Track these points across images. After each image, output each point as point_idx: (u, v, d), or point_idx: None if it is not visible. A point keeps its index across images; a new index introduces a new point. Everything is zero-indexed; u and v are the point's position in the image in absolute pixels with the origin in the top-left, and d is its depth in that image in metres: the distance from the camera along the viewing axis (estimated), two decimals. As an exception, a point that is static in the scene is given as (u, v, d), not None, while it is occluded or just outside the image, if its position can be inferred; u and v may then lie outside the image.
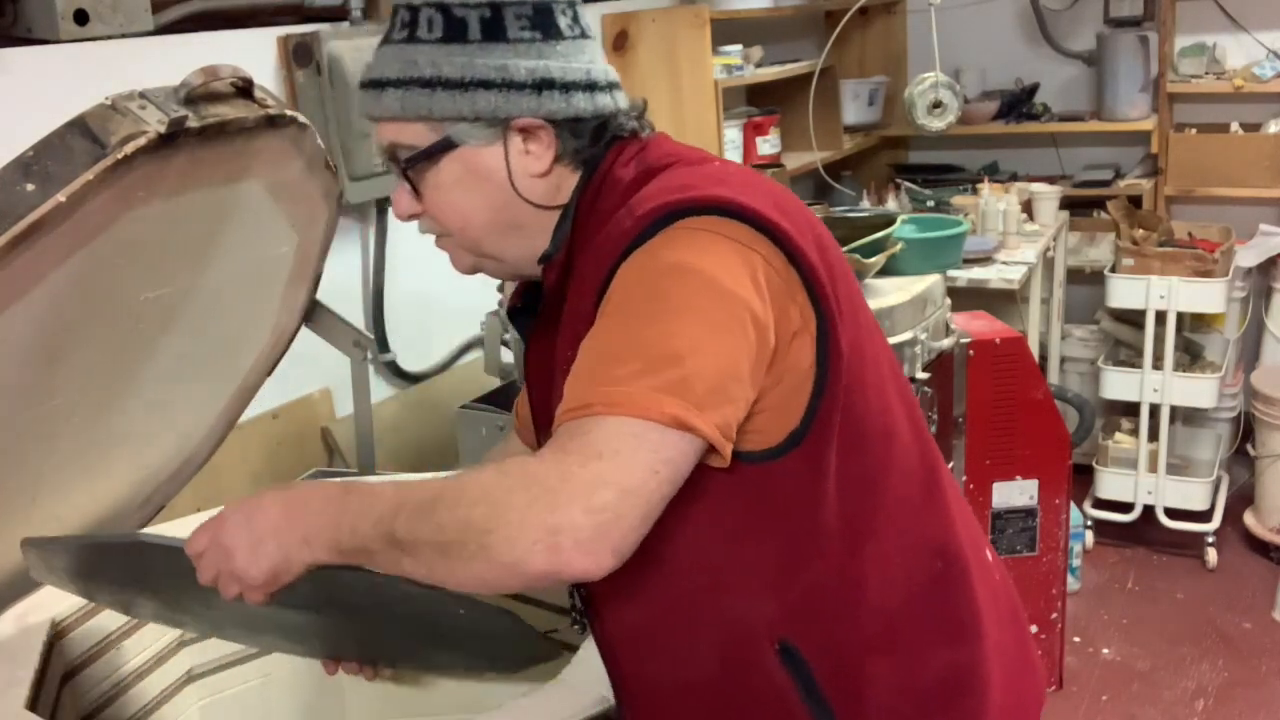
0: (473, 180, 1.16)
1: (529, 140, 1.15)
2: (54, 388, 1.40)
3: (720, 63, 3.41)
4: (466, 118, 1.13)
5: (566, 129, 1.15)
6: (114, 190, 1.26)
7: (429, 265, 1.58)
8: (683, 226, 1.05)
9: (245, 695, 1.64)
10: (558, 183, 1.18)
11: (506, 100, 1.12)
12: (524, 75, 1.12)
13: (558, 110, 1.14)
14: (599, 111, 1.16)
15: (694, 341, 0.99)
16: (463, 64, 1.12)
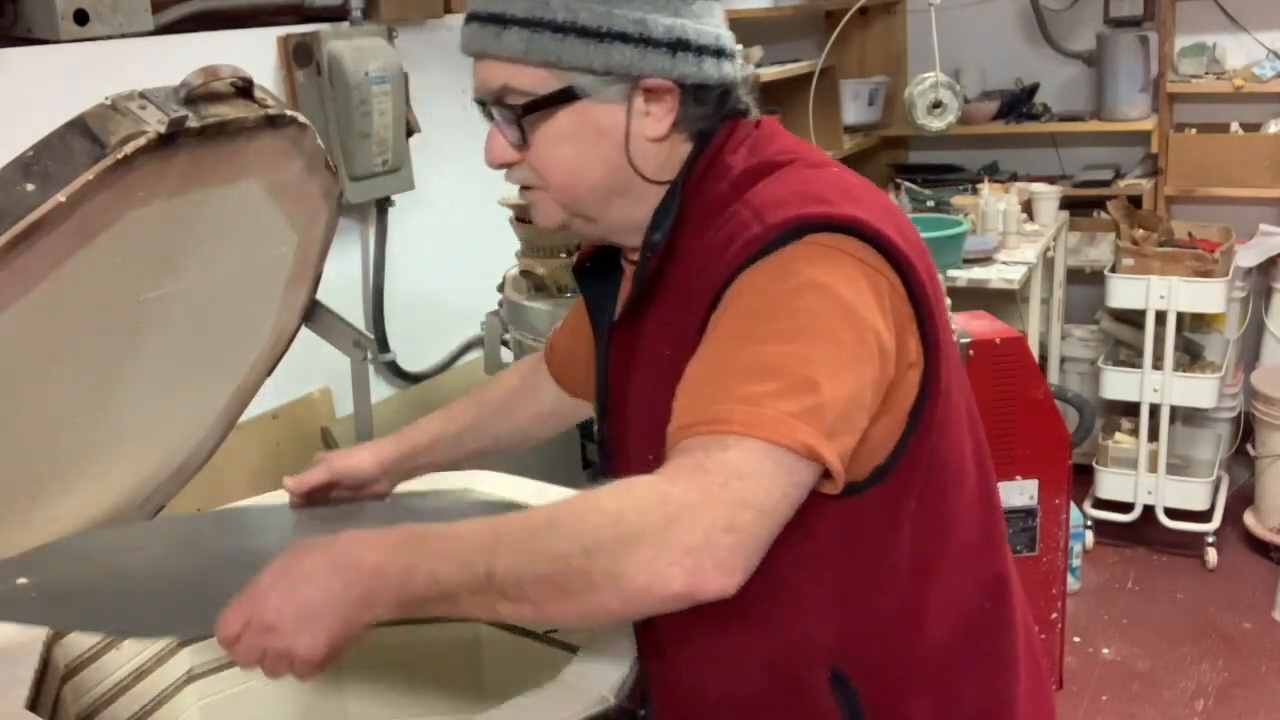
0: (587, 136, 1.09)
1: (651, 101, 1.08)
2: (54, 388, 1.40)
3: (720, 63, 3.41)
4: (596, 70, 1.06)
5: (691, 94, 1.09)
6: (114, 190, 1.26)
7: (429, 265, 1.59)
8: (815, 242, 1.00)
9: (245, 695, 1.64)
10: (669, 152, 1.11)
11: (641, 57, 1.06)
12: (661, 32, 1.06)
13: (688, 73, 1.07)
14: (723, 80, 1.11)
15: (830, 368, 0.96)
16: (601, 13, 1.05)
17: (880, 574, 1.09)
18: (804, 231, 1.01)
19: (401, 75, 2.57)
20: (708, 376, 0.99)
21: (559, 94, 1.07)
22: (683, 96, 1.09)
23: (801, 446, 0.93)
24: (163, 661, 1.55)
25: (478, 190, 2.91)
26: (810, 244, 1.01)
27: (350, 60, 2.42)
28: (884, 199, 1.11)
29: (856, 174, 1.15)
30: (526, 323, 2.21)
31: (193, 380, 1.67)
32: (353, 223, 2.69)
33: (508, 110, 1.10)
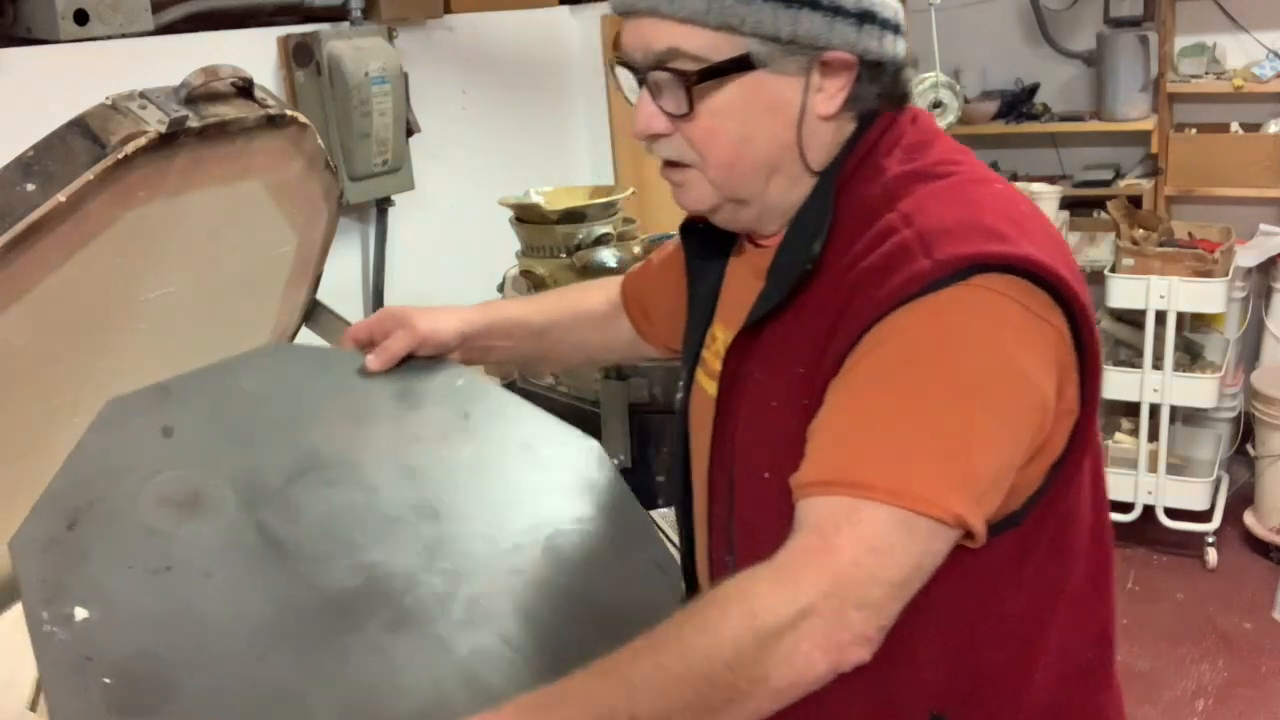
0: (758, 110, 1.00)
1: (827, 75, 1.00)
2: (54, 387, 1.40)
3: (720, 63, 3.41)
4: (780, 38, 0.97)
5: (867, 72, 1.01)
6: (114, 190, 1.26)
7: (429, 265, 1.59)
8: (985, 286, 0.92)
9: (245, 695, 1.64)
10: (834, 134, 1.03)
11: (829, 27, 0.97)
12: (851, 2, 0.98)
13: (870, 48, 0.99)
14: (897, 58, 1.03)
15: (987, 433, 0.91)
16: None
17: (995, 623, 1.04)
18: (974, 272, 0.92)
19: (401, 75, 2.57)
20: (849, 428, 0.93)
21: (735, 61, 0.97)
22: (859, 73, 1.00)
23: (950, 516, 0.89)
24: (163, 661, 1.55)
25: (478, 190, 2.91)
26: (979, 288, 0.92)
27: (350, 60, 2.42)
28: (1048, 224, 1.03)
29: (1018, 190, 1.06)
30: (526, 323, 2.22)
31: (193, 380, 1.67)
32: (353, 223, 2.69)
33: (675, 76, 0.99)
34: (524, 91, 3.20)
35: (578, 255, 2.16)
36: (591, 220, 2.20)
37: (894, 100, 1.04)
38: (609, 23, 3.37)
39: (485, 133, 3.07)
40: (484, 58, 3.05)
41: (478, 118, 3.04)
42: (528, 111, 3.21)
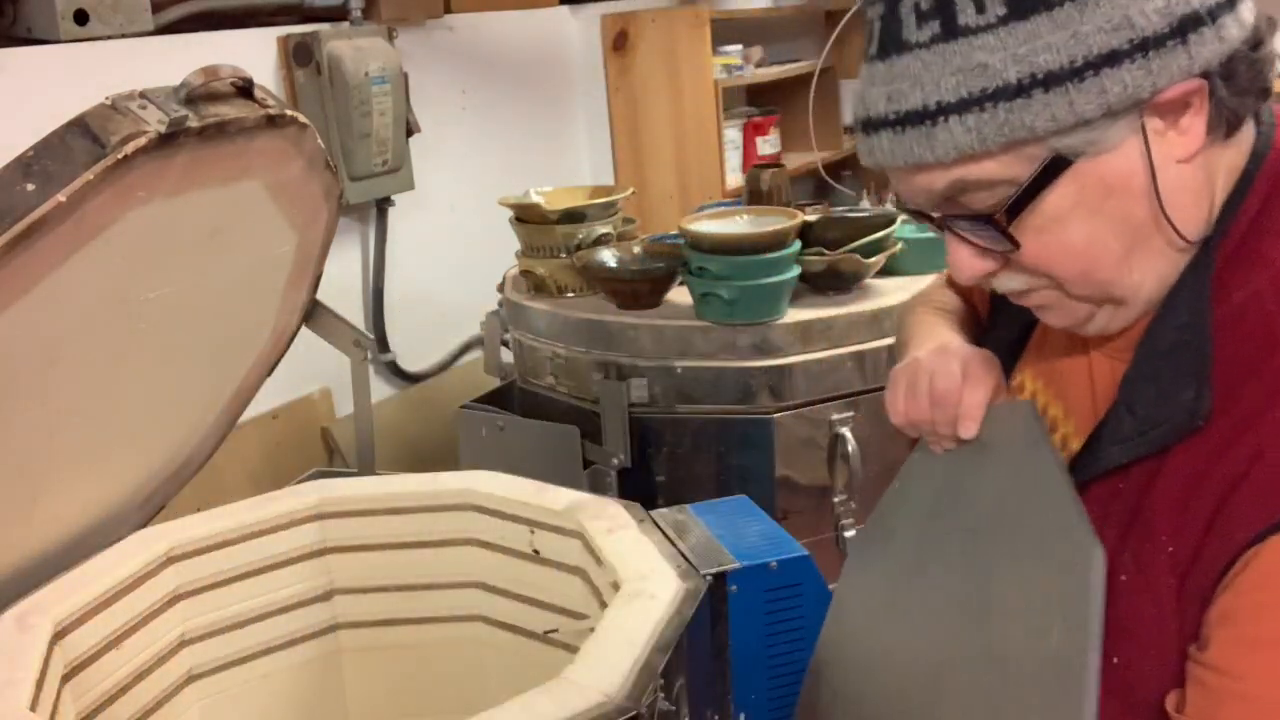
0: (1097, 201, 0.77)
1: (1169, 114, 0.77)
2: (54, 387, 1.40)
3: (720, 63, 3.41)
4: (1089, 118, 0.75)
5: (1219, 77, 0.76)
6: (114, 190, 1.26)
7: (429, 265, 1.58)
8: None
9: (245, 695, 1.64)
10: (1207, 174, 0.79)
11: (1147, 68, 0.73)
12: (1158, 20, 0.73)
13: (1213, 54, 0.74)
14: (1247, 33, 0.76)
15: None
16: (1062, 41, 0.73)
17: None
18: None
19: (401, 75, 2.57)
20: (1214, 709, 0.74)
21: (1047, 170, 0.76)
22: (1213, 91, 0.77)
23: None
24: (163, 661, 1.55)
25: (478, 190, 2.91)
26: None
27: (350, 60, 2.42)
28: None
29: None
30: (526, 323, 2.21)
31: (193, 380, 1.67)
32: (353, 223, 2.69)
33: (975, 217, 0.80)
34: (524, 91, 3.20)
35: (578, 255, 2.16)
36: (591, 220, 2.20)
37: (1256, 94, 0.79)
38: (609, 22, 3.37)
39: (485, 133, 3.07)
40: (484, 58, 3.05)
41: (478, 118, 3.04)
42: (528, 111, 3.21)
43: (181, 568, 1.57)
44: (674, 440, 2.02)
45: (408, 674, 1.73)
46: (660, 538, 1.50)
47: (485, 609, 1.69)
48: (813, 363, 1.96)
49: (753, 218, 2.15)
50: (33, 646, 1.31)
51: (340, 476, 1.81)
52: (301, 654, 1.69)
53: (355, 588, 1.71)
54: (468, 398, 2.31)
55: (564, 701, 1.17)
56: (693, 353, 1.99)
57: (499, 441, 2.17)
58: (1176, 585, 0.76)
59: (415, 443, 2.73)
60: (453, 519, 1.68)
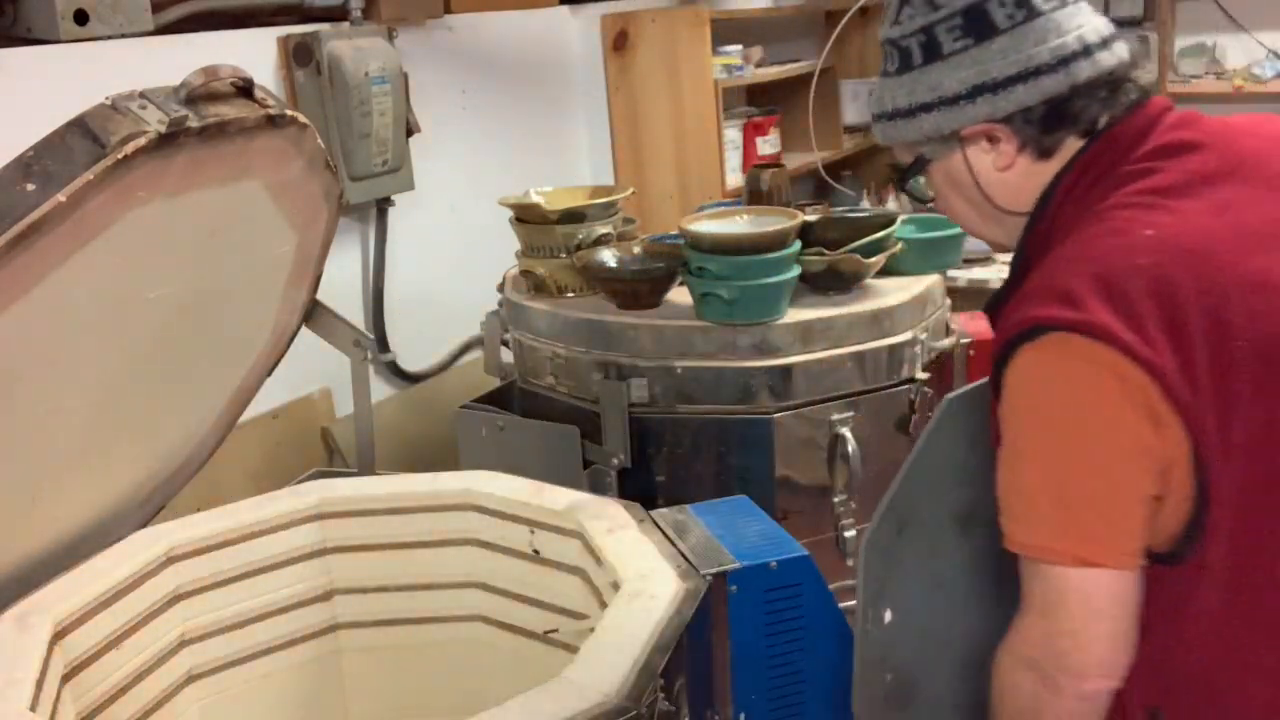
0: (952, 186, 1.26)
1: (992, 140, 1.20)
2: (54, 387, 1.40)
3: (720, 63, 3.41)
4: (921, 140, 1.23)
5: (1020, 119, 1.17)
6: (114, 190, 1.26)
7: (429, 265, 1.58)
8: (1050, 348, 1.07)
9: (245, 695, 1.64)
10: (1023, 179, 1.21)
11: (938, 118, 1.20)
12: (952, 89, 1.18)
13: (997, 110, 1.17)
14: (1048, 95, 1.15)
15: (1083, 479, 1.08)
16: (907, 92, 1.22)
17: (1187, 639, 1.13)
18: (1040, 333, 1.08)
19: (401, 75, 2.57)
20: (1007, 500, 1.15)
21: (917, 162, 1.27)
22: (1014, 126, 1.18)
23: (1074, 560, 1.07)
24: (163, 661, 1.55)
25: (478, 190, 2.91)
26: (1045, 349, 1.08)
27: (350, 60, 2.42)
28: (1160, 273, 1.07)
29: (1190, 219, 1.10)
30: (526, 323, 2.21)
31: (193, 380, 1.67)
32: (353, 223, 2.69)
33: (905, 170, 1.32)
34: (524, 91, 3.20)
35: (578, 255, 2.16)
36: (591, 220, 2.20)
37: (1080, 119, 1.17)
38: (609, 22, 3.37)
39: (485, 133, 3.06)
40: (484, 58, 3.05)
41: (478, 118, 3.04)
42: (528, 111, 3.21)
43: (181, 568, 1.57)
44: (674, 440, 2.02)
45: (408, 674, 1.73)
46: (660, 538, 1.50)
47: (485, 609, 1.69)
48: (813, 363, 1.96)
49: (753, 218, 2.15)
50: (33, 646, 1.31)
51: (340, 476, 1.82)
52: (301, 654, 1.69)
53: (355, 588, 1.71)
54: (468, 398, 2.31)
55: (564, 701, 1.17)
56: (693, 353, 1.99)
57: (499, 441, 2.17)
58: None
59: (415, 443, 2.72)
60: (453, 519, 1.68)
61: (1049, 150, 1.19)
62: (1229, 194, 1.11)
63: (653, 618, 1.31)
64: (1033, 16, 1.15)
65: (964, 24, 1.17)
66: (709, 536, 1.52)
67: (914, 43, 1.20)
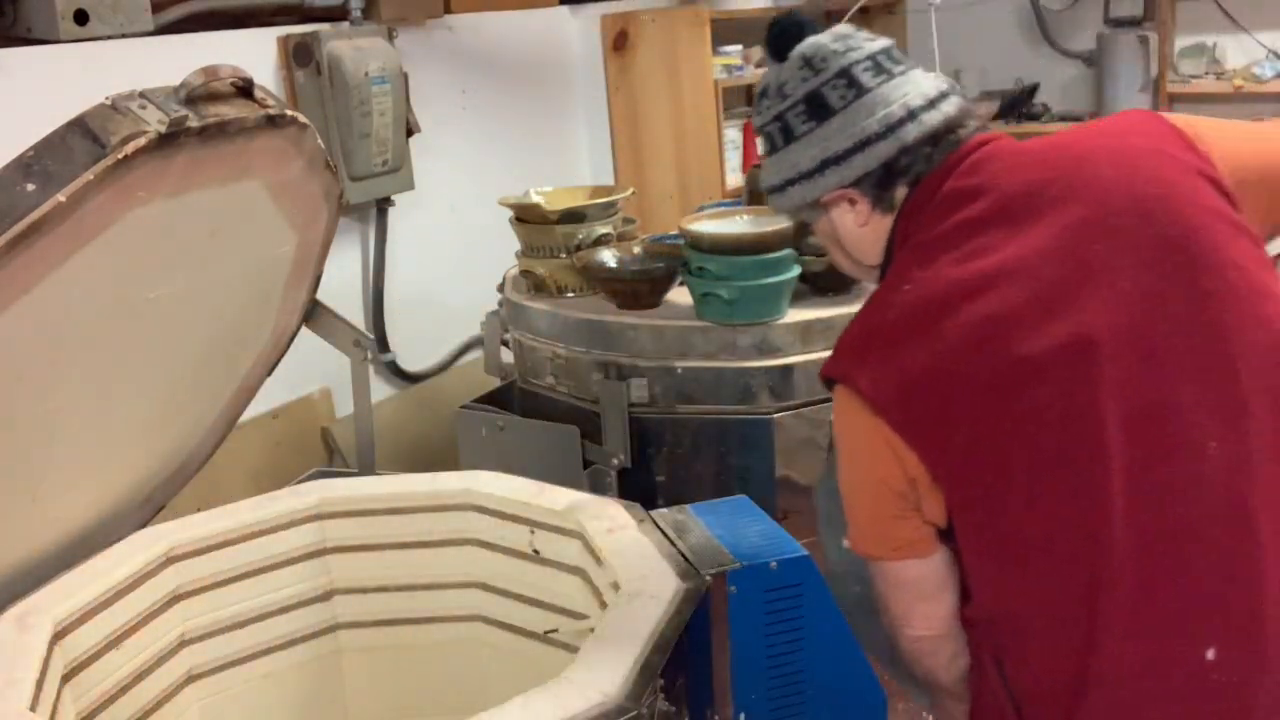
0: (830, 242, 1.43)
1: (851, 202, 1.35)
2: (54, 387, 1.40)
3: (720, 63, 3.41)
4: (796, 209, 1.40)
5: (867, 183, 1.33)
6: (114, 190, 1.26)
7: (429, 265, 1.58)
8: (835, 392, 1.33)
9: (245, 695, 1.64)
10: (876, 233, 1.36)
11: (801, 190, 1.36)
12: (806, 165, 1.34)
13: (844, 178, 1.32)
14: (882, 159, 1.31)
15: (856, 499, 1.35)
16: (776, 171, 1.38)
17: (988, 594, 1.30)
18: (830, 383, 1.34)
19: (401, 75, 2.57)
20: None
21: (802, 226, 1.55)
22: (864, 189, 1.33)
23: (869, 556, 1.36)
24: (163, 661, 1.55)
25: (478, 190, 2.91)
26: (835, 392, 1.33)
27: (350, 60, 2.42)
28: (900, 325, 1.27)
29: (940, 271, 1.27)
30: (526, 323, 2.21)
31: (193, 380, 1.67)
32: (353, 223, 2.69)
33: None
34: (524, 91, 3.20)
35: (578, 255, 2.16)
36: (591, 220, 2.20)
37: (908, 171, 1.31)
38: (609, 22, 3.37)
39: (485, 133, 3.07)
40: (484, 58, 3.05)
41: (478, 118, 3.04)
42: (528, 111, 3.21)
43: (181, 568, 1.57)
44: (674, 440, 2.02)
45: (408, 674, 1.73)
46: (660, 538, 1.50)
47: (485, 609, 1.69)
48: (813, 363, 1.96)
49: (753, 218, 2.15)
50: (33, 646, 1.31)
51: (340, 476, 1.82)
52: (301, 654, 1.69)
53: (355, 588, 1.71)
54: (468, 398, 2.31)
55: (564, 701, 1.17)
56: (693, 353, 1.99)
57: (499, 441, 2.17)
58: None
59: (415, 443, 2.73)
60: (453, 519, 1.68)
61: (889, 204, 1.33)
62: (982, 241, 1.25)
63: (653, 618, 1.31)
64: (862, 94, 1.31)
65: (807, 109, 1.33)
66: (709, 536, 1.52)
67: (774, 129, 1.37)
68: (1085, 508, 1.19)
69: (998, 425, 1.21)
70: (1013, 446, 1.21)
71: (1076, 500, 1.19)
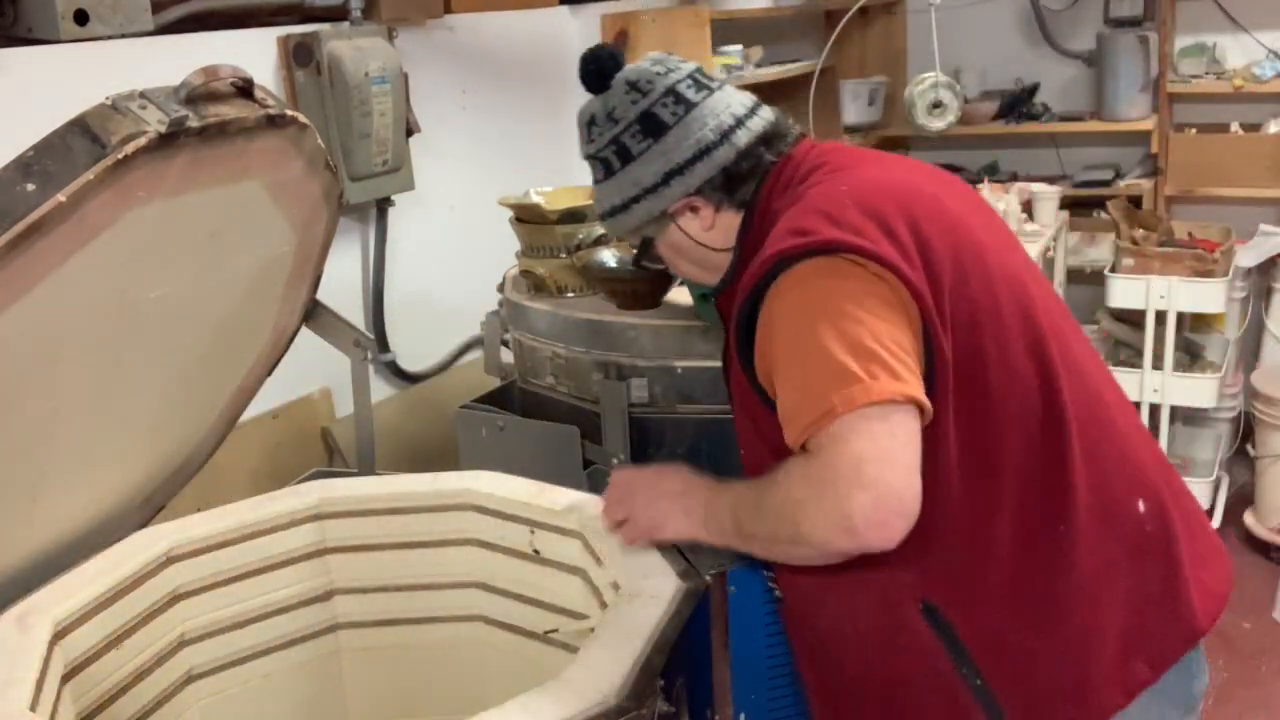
0: (675, 253, 1.50)
1: (694, 209, 1.44)
2: (55, 387, 1.40)
3: (720, 63, 3.41)
4: (642, 225, 1.47)
5: (708, 188, 1.41)
6: (114, 190, 1.26)
7: (429, 265, 1.58)
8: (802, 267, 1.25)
9: (245, 695, 1.64)
10: (726, 226, 1.44)
11: (647, 205, 1.43)
12: (650, 180, 1.42)
13: (688, 187, 1.41)
14: (723, 164, 1.40)
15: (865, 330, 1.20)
16: (617, 192, 1.45)
17: (939, 509, 1.24)
18: (791, 261, 1.26)
19: (401, 75, 2.57)
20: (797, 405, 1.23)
21: (646, 243, 1.51)
22: (705, 193, 1.42)
23: (881, 396, 1.17)
24: (163, 661, 1.55)
25: (478, 190, 2.91)
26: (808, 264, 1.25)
27: (350, 60, 2.42)
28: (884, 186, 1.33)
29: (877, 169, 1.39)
30: (526, 323, 2.21)
31: (193, 380, 1.67)
32: (353, 223, 2.69)
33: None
34: (524, 91, 3.20)
35: (578, 255, 2.16)
36: (591, 220, 2.20)
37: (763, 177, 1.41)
38: (609, 22, 3.37)
39: (485, 133, 3.06)
40: (484, 58, 3.05)
41: (478, 118, 3.04)
42: (528, 111, 3.21)
43: (181, 568, 1.57)
44: (674, 440, 2.02)
45: (408, 674, 1.73)
46: (660, 538, 1.50)
47: (485, 609, 1.70)
48: (813, 363, 1.96)
49: (753, 218, 2.15)
50: (33, 646, 1.31)
51: (340, 476, 1.82)
52: (301, 654, 1.69)
53: (355, 588, 1.71)
54: (468, 398, 2.31)
55: (564, 701, 1.17)
56: (693, 353, 1.99)
57: (499, 441, 2.17)
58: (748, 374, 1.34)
59: (415, 443, 2.73)
60: (453, 519, 1.68)
61: (738, 202, 1.42)
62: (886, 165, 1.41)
63: (653, 618, 1.31)
64: (690, 108, 1.41)
65: (642, 129, 1.42)
66: (709, 536, 1.52)
67: (609, 152, 1.45)
68: (1047, 376, 1.30)
69: (973, 301, 1.29)
70: (984, 320, 1.29)
71: (1040, 369, 1.30)
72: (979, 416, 1.27)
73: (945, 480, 1.25)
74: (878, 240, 1.24)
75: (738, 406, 1.42)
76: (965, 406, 1.26)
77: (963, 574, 1.29)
